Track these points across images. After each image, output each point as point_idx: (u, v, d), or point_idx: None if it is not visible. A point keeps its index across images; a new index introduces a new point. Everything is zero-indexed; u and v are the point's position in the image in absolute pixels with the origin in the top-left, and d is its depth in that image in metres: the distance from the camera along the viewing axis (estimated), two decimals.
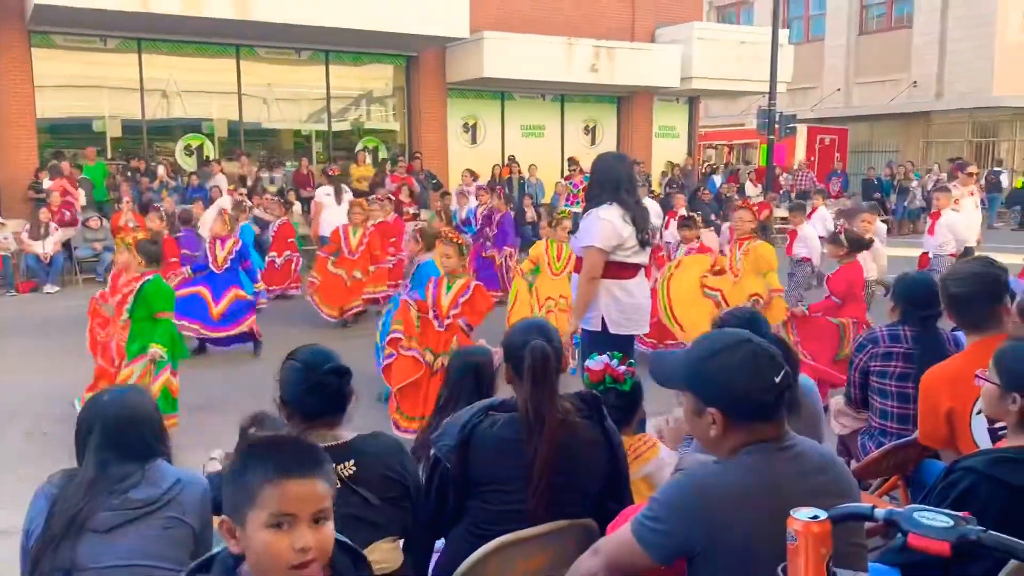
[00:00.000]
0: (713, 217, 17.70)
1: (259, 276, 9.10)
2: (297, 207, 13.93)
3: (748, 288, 7.01)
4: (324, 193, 12.92)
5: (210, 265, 8.02)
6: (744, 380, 1.82)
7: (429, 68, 17.23)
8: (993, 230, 19.74)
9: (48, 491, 2.26)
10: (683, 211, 10.87)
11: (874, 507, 1.58)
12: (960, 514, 1.50)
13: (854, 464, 3.58)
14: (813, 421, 3.02)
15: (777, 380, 1.83)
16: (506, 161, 17.75)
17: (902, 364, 3.76)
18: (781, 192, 19.29)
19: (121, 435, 2.27)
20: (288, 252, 11.31)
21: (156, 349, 5.34)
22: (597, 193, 4.65)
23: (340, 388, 2.37)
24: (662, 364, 2.08)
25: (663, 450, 3.15)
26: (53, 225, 12.11)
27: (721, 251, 8.20)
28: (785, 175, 20.50)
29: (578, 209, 14.16)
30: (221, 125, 16.21)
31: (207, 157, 15.68)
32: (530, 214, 14.78)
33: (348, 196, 12.42)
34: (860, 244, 6.52)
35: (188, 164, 15.60)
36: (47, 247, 11.87)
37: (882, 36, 26.73)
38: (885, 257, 8.16)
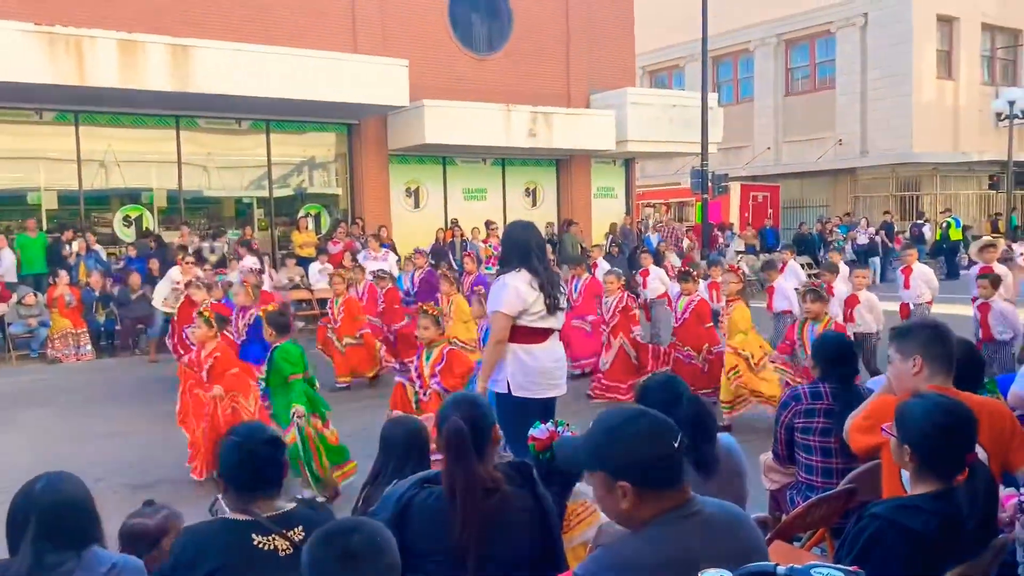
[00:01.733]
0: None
1: None
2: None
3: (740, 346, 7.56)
4: (363, 257, 13.44)
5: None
6: (647, 449, 1.95)
7: (371, 135, 17.47)
8: None
9: None
10: (601, 263, 11.52)
11: (777, 565, 1.70)
12: (851, 568, 1.64)
13: (783, 520, 3.72)
14: (733, 479, 3.15)
15: (676, 445, 1.96)
16: (449, 224, 17.96)
17: (823, 420, 3.95)
18: (716, 249, 19.85)
19: (56, 523, 2.28)
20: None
21: (298, 408, 5.61)
22: (507, 259, 4.81)
23: (274, 458, 2.45)
24: (566, 450, 2.19)
25: (603, 516, 3.24)
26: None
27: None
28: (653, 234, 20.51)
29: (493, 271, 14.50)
30: (161, 195, 16.13)
31: (146, 228, 15.56)
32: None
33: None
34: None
35: (126, 235, 15.45)
36: None
37: (807, 97, 27.96)
38: (881, 311, 8.59)
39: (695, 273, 9.22)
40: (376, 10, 17.21)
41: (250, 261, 12.88)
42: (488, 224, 17.57)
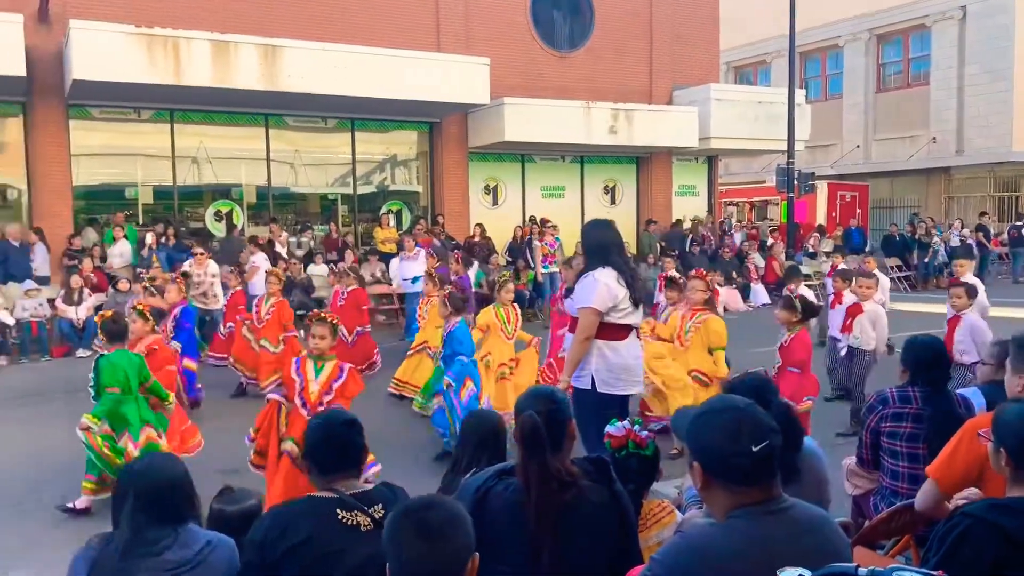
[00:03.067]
0: (734, 275, 17.84)
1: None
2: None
3: (692, 362, 6.87)
4: (262, 259, 13.04)
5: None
6: (720, 442, 1.96)
7: (451, 133, 17.67)
8: (1020, 284, 19.62)
9: (87, 554, 2.40)
10: (673, 273, 10.86)
11: (858, 566, 1.67)
12: (935, 573, 1.60)
13: (865, 526, 3.63)
14: (817, 485, 3.09)
15: (755, 448, 1.94)
16: (526, 222, 18.02)
17: (912, 425, 3.83)
18: (803, 249, 19.40)
19: (154, 501, 2.40)
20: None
21: (83, 420, 5.60)
22: (590, 258, 4.89)
23: (351, 439, 2.55)
24: (681, 417, 2.25)
25: (679, 516, 3.22)
26: (86, 291, 12.45)
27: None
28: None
29: (555, 269, 14.42)
30: (250, 191, 16.66)
31: (236, 223, 16.11)
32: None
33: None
34: (812, 311, 6.29)
35: (217, 229, 16.00)
36: (80, 312, 12.18)
37: (899, 93, 27.03)
38: (886, 326, 7.78)
39: (681, 280, 8.30)
40: (460, 9, 17.40)
41: (260, 259, 12.87)
42: (542, 222, 17.47)
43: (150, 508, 2.39)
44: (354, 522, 2.45)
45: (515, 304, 8.24)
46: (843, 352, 7.87)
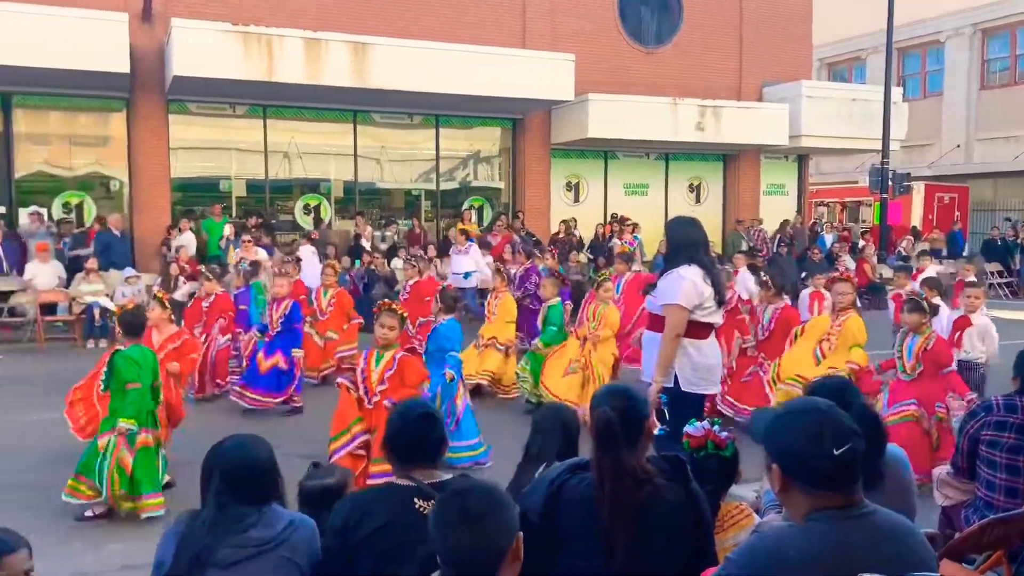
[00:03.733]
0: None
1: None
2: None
3: (832, 362, 6.82)
4: (309, 252, 13.23)
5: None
6: (801, 444, 1.92)
7: (534, 129, 17.70)
8: None
9: (176, 530, 2.50)
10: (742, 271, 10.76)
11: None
12: None
13: (955, 539, 3.48)
14: (900, 493, 2.98)
15: (836, 452, 1.89)
16: (608, 219, 17.91)
17: (1015, 436, 3.66)
18: (895, 252, 18.73)
19: (239, 480, 2.49)
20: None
21: (122, 424, 5.35)
22: (674, 255, 4.83)
23: (425, 432, 2.59)
24: (756, 420, 2.28)
25: (757, 519, 3.16)
26: (182, 279, 12.94)
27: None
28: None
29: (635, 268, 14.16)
30: (338, 185, 17.03)
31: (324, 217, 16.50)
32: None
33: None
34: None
35: (305, 223, 16.42)
36: (177, 299, 12.66)
37: (1005, 91, 25.77)
38: (996, 339, 7.38)
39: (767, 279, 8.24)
40: (546, 6, 17.40)
41: (307, 251, 13.07)
42: (621, 220, 17.24)
43: (235, 487, 2.47)
44: (430, 512, 2.48)
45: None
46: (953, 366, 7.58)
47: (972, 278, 9.27)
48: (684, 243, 4.85)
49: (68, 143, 15.08)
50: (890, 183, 18.04)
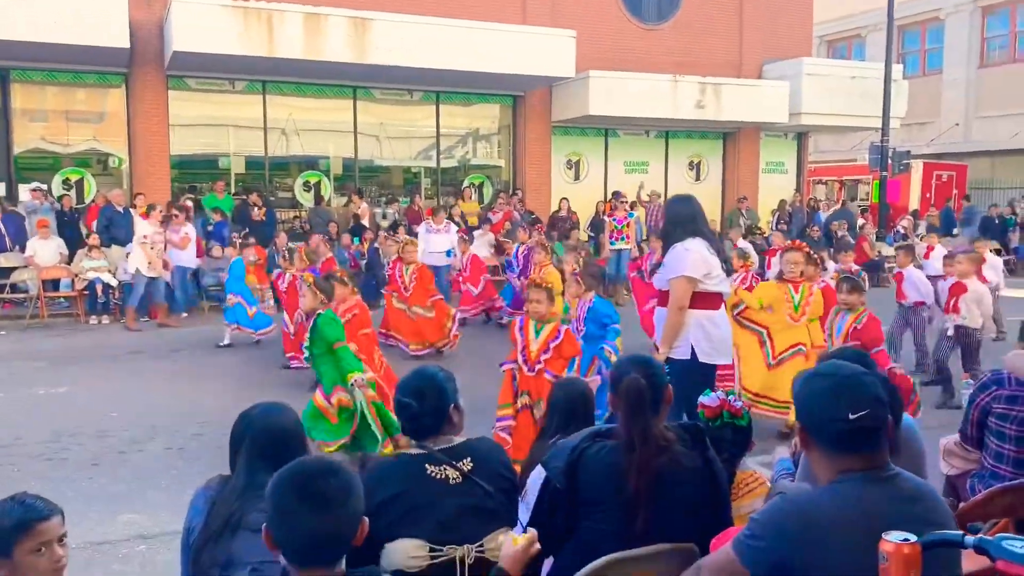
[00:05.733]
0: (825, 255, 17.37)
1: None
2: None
3: (798, 336, 6.61)
4: (425, 229, 13.36)
5: None
6: (820, 406, 1.98)
7: (535, 106, 17.65)
8: None
9: (207, 493, 2.55)
10: (740, 243, 10.94)
11: (964, 534, 1.66)
12: None
13: (961, 506, 3.54)
14: (913, 459, 3.04)
15: (852, 416, 1.93)
16: (608, 197, 17.89)
17: None
18: (894, 231, 18.77)
19: (268, 447, 2.53)
20: None
21: (356, 376, 5.55)
22: (673, 229, 4.90)
23: (419, 409, 2.61)
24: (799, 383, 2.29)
25: (772, 487, 3.21)
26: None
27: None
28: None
29: (623, 245, 14.16)
30: (336, 162, 17.00)
31: (323, 195, 16.46)
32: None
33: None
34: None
35: (305, 199, 16.40)
36: (177, 276, 12.66)
37: (1005, 68, 25.72)
38: (991, 304, 7.87)
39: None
40: None
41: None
42: (617, 195, 17.15)
43: (265, 454, 2.50)
44: (443, 476, 2.53)
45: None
46: (949, 332, 7.73)
47: (990, 254, 9.50)
48: (682, 218, 4.92)
49: (67, 119, 15.02)
50: (890, 161, 18.04)
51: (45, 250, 12.54)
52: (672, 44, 18.38)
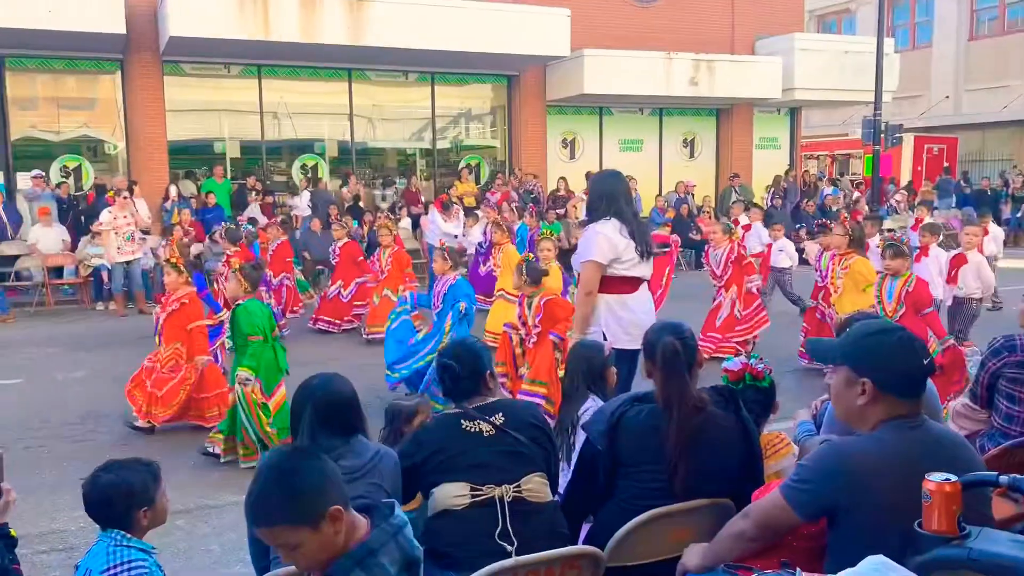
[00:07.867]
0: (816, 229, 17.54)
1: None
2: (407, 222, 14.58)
3: (852, 304, 6.97)
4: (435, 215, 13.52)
5: None
6: (900, 357, 2.12)
7: (530, 86, 17.70)
8: None
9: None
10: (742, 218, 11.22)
11: (999, 474, 1.81)
12: None
13: None
14: (934, 417, 3.18)
15: (925, 362, 2.13)
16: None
17: None
18: (886, 204, 18.94)
19: (328, 414, 2.72)
20: (284, 273, 10.69)
21: (241, 372, 5.45)
22: (595, 208, 4.72)
23: (459, 372, 2.92)
24: (819, 346, 2.49)
25: (796, 449, 3.35)
26: (185, 241, 12.99)
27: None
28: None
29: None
30: (332, 145, 17.03)
31: (320, 177, 16.51)
32: None
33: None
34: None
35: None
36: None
37: (994, 41, 25.85)
38: (991, 275, 8.18)
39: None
40: None
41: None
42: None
43: (326, 420, 2.70)
44: (476, 429, 2.80)
45: None
46: (948, 303, 7.91)
47: (993, 224, 9.70)
48: (604, 196, 4.68)
49: (62, 106, 15.00)
50: (882, 135, 18.16)
51: (48, 237, 12.58)
52: (665, 21, 18.41)
